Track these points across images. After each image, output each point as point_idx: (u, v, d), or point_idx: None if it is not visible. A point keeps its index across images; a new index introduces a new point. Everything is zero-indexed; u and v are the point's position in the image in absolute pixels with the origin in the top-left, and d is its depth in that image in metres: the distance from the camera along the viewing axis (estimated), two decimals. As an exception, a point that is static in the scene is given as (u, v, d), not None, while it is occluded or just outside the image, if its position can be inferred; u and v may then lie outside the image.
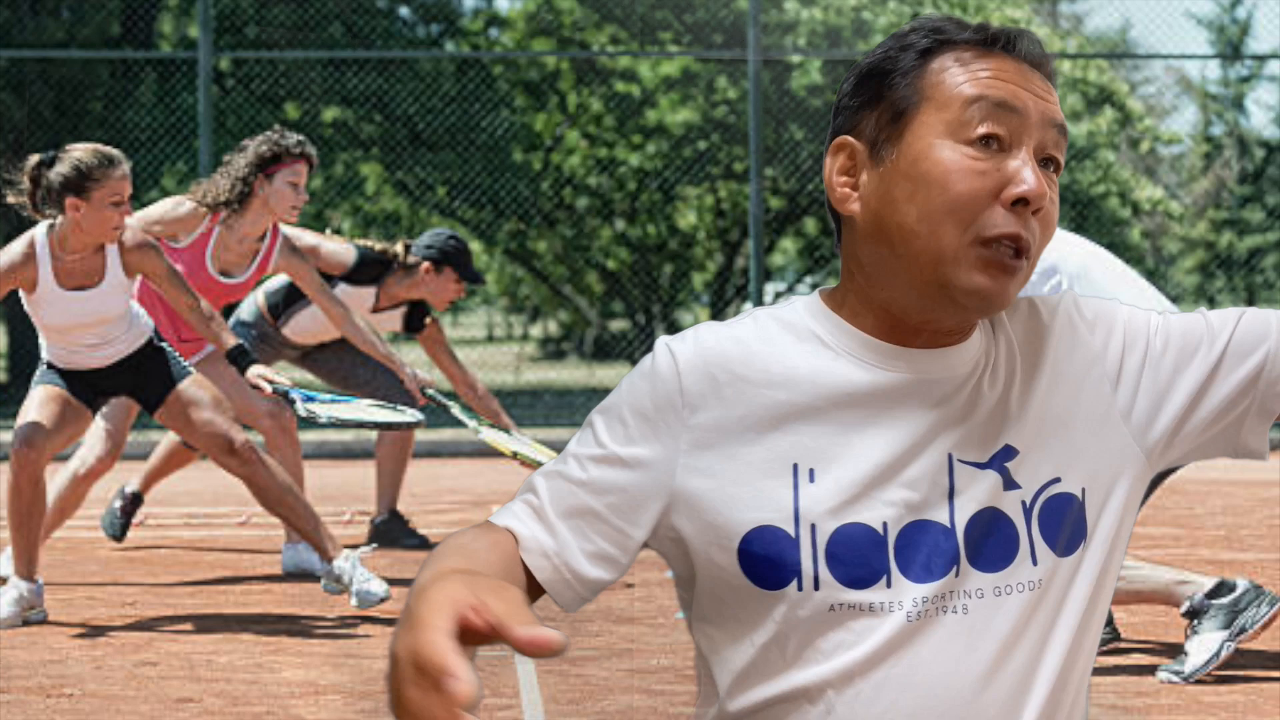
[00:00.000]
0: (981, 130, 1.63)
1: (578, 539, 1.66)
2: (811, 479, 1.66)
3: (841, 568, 1.64)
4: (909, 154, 1.65)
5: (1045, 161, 1.66)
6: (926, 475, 1.67)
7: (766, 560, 1.65)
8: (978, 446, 1.68)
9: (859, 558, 1.64)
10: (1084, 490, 1.70)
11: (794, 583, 1.64)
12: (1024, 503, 1.68)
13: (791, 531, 1.65)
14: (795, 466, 1.66)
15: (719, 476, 1.67)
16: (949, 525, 1.66)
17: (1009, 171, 1.63)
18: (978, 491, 1.67)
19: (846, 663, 1.64)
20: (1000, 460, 1.68)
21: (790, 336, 1.70)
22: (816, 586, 1.64)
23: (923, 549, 1.65)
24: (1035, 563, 1.67)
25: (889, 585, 1.64)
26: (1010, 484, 1.68)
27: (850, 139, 1.69)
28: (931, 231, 1.63)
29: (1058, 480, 1.69)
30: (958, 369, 1.69)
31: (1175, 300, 25.05)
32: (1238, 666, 4.83)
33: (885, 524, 1.65)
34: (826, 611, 1.64)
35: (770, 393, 1.68)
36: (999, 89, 1.65)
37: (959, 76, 1.66)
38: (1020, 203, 1.62)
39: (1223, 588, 4.75)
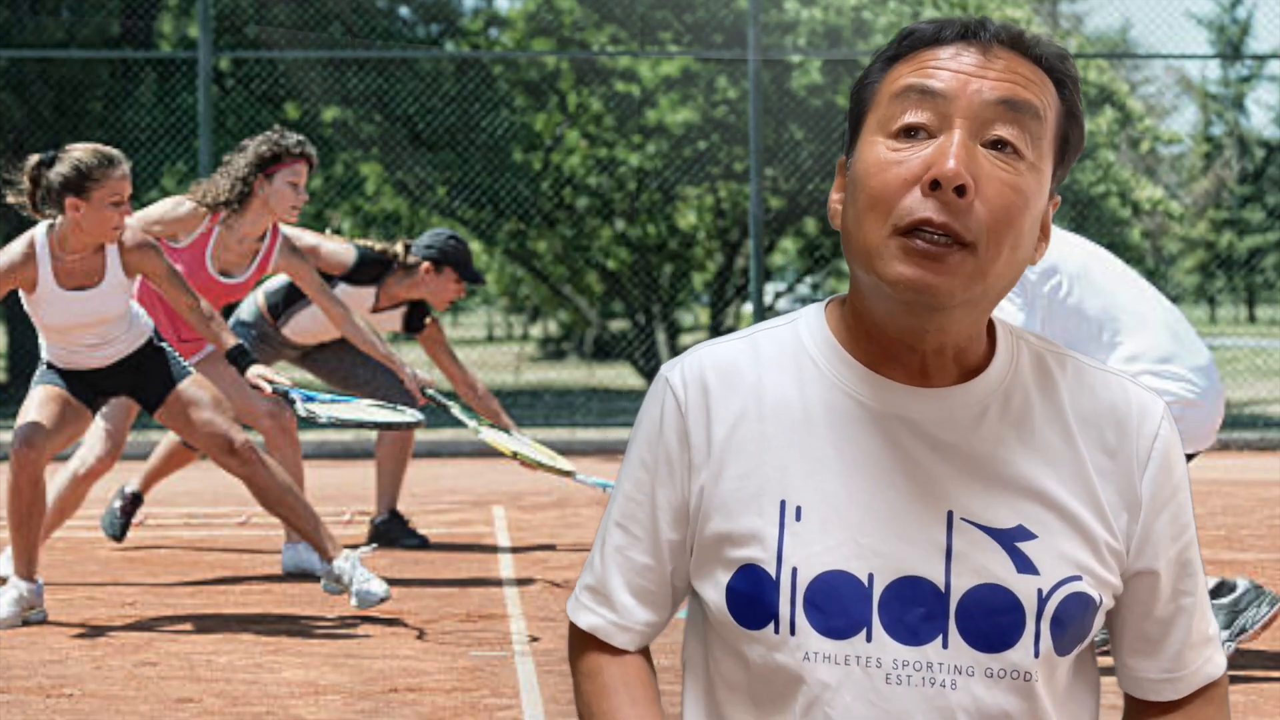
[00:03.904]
0: (902, 121, 1.56)
1: (640, 601, 1.74)
2: (799, 517, 1.60)
3: (820, 616, 1.58)
4: (855, 160, 1.61)
5: (997, 144, 1.56)
6: (922, 529, 1.59)
7: (748, 598, 1.62)
8: (985, 511, 1.60)
9: (839, 607, 1.58)
10: (1100, 597, 1.62)
11: (771, 625, 1.60)
12: (1040, 591, 1.59)
13: (773, 572, 1.60)
14: (783, 503, 1.61)
15: (717, 513, 1.64)
16: (943, 589, 1.58)
17: (928, 156, 1.54)
18: (981, 562, 1.59)
19: (817, 714, 1.59)
20: (1012, 539, 1.59)
21: (786, 361, 1.65)
22: (793, 632, 1.59)
23: (913, 608, 1.58)
24: (1037, 654, 1.59)
25: (869, 639, 1.58)
26: (1026, 567, 1.59)
27: (844, 157, 1.66)
28: (859, 229, 1.57)
29: (1079, 579, 1.60)
30: (956, 413, 1.61)
31: (1175, 300, 25.03)
32: (1238, 666, 4.82)
33: (871, 575, 1.58)
34: (802, 660, 1.59)
35: (760, 426, 1.63)
36: (924, 75, 1.57)
37: (899, 73, 1.59)
38: (935, 185, 1.52)
39: (1223, 588, 4.74)
